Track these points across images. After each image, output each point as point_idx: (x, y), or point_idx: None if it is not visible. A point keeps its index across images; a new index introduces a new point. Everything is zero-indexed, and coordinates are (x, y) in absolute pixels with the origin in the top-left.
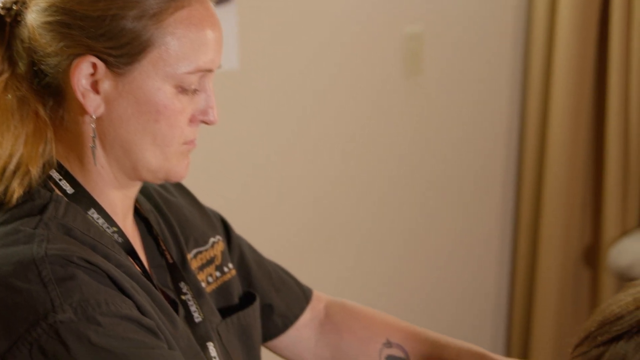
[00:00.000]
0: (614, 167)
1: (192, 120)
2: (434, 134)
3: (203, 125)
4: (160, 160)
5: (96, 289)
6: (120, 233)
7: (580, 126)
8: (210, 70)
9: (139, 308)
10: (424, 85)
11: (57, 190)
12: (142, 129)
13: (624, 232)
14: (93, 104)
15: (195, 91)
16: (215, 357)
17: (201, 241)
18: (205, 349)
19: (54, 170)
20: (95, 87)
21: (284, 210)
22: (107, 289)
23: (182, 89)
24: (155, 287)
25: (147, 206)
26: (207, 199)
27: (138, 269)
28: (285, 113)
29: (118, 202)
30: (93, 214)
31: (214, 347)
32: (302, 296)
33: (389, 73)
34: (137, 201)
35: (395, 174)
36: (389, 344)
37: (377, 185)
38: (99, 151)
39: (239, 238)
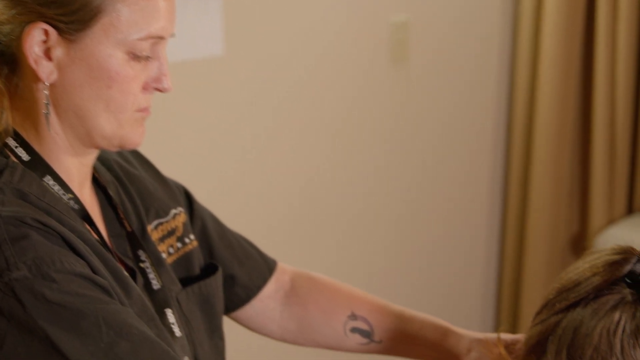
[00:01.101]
0: (601, 155)
1: (145, 88)
2: (421, 122)
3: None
4: (114, 127)
5: (50, 248)
6: (76, 200)
7: (567, 115)
8: (162, 38)
9: (92, 269)
10: (410, 74)
11: (12, 157)
12: (95, 96)
13: (611, 221)
14: (46, 70)
15: (147, 58)
16: (173, 323)
17: (162, 212)
18: (163, 315)
19: (10, 138)
20: (47, 54)
21: (269, 198)
22: (60, 248)
23: (134, 56)
24: (113, 255)
25: (107, 177)
26: (191, 186)
27: (95, 235)
28: (271, 100)
29: (74, 169)
30: (49, 180)
31: (173, 313)
32: (265, 267)
33: (375, 62)
34: (97, 171)
35: (382, 162)
36: (353, 317)
37: (363, 173)
38: (54, 118)
39: (202, 210)
